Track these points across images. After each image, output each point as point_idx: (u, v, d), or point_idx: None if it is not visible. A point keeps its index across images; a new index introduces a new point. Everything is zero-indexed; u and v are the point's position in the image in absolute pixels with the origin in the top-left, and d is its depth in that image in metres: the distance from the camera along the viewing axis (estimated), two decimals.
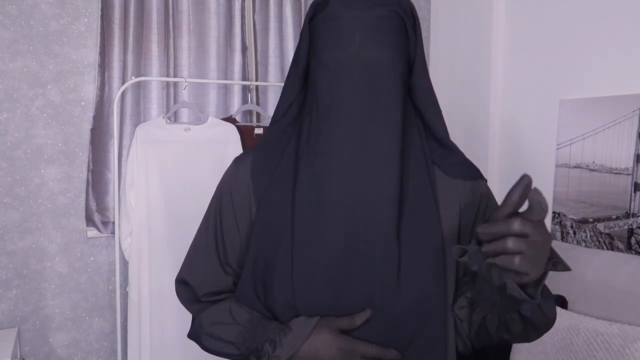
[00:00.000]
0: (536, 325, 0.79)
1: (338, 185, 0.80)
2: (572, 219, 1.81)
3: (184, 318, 1.23)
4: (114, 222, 2.05)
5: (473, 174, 0.90)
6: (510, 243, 0.62)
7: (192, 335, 0.93)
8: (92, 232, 2.13)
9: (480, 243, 0.69)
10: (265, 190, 0.88)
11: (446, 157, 0.88)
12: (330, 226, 0.80)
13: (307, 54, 0.86)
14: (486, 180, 0.93)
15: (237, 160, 0.95)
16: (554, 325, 1.49)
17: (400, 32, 0.82)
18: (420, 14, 2.53)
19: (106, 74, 2.08)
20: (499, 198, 2.28)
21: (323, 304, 0.81)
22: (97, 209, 2.11)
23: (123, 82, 2.08)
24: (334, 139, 0.81)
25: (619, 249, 1.66)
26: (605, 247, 1.70)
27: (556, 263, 0.69)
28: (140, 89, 2.13)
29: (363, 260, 0.79)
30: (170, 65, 2.16)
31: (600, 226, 1.72)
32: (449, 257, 0.84)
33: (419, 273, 0.80)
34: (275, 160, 0.89)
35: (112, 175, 2.08)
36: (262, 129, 2.15)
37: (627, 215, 1.63)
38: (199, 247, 0.95)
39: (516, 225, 0.62)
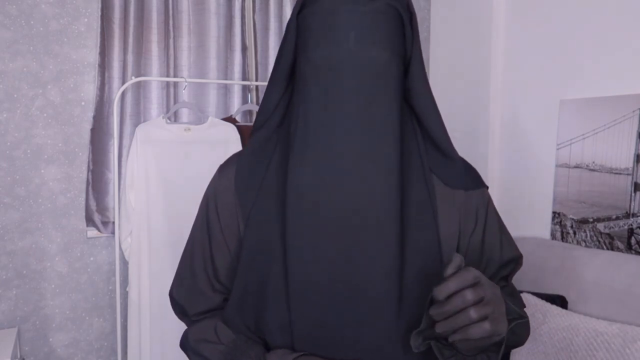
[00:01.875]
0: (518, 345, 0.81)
1: (332, 198, 0.74)
2: (572, 219, 1.81)
3: None
4: (114, 222, 2.05)
5: (473, 183, 0.86)
6: (474, 312, 0.60)
7: (181, 347, 0.90)
8: (92, 232, 2.13)
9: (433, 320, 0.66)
10: (252, 206, 0.81)
11: (445, 166, 0.83)
12: (326, 243, 0.75)
13: (293, 50, 0.80)
14: (487, 187, 0.89)
15: (221, 169, 0.89)
16: (554, 325, 1.49)
17: (398, 30, 0.77)
18: (420, 14, 2.53)
19: (106, 74, 2.08)
20: (500, 198, 2.27)
21: (321, 328, 0.75)
22: (97, 209, 2.11)
23: (123, 82, 2.08)
24: (327, 148, 0.75)
25: (619, 249, 1.66)
26: (605, 247, 1.70)
27: (512, 320, 0.69)
28: (140, 89, 2.13)
29: (364, 279, 0.74)
30: (170, 65, 2.15)
31: (600, 226, 1.72)
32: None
33: (420, 295, 0.75)
34: (261, 172, 0.83)
35: (112, 175, 2.08)
36: None
37: (627, 215, 1.63)
38: (186, 264, 0.90)
39: (469, 294, 0.59)
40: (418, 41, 0.81)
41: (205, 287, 0.88)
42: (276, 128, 0.84)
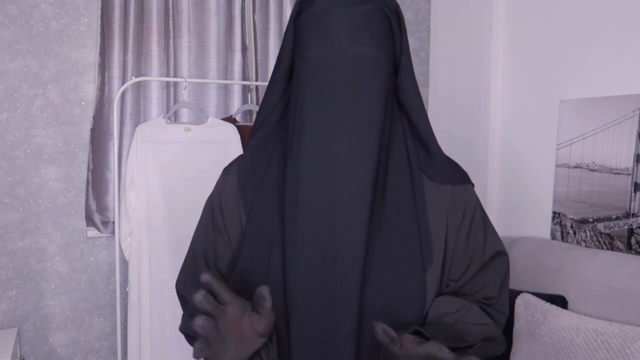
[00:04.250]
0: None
1: (324, 189, 0.79)
2: (572, 219, 1.81)
3: None
4: (114, 222, 2.05)
5: (459, 179, 0.90)
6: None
7: (181, 330, 0.92)
8: (92, 232, 2.13)
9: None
10: (254, 200, 0.87)
11: (432, 164, 0.87)
12: (318, 229, 0.79)
13: (291, 52, 0.85)
14: (473, 185, 0.93)
15: (226, 171, 0.94)
16: (554, 325, 1.49)
17: (386, 31, 0.82)
18: (420, 14, 2.53)
19: (106, 74, 2.08)
20: (500, 199, 2.26)
21: (313, 321, 0.80)
22: (97, 209, 2.11)
23: (123, 82, 2.08)
24: (319, 142, 0.80)
25: (619, 249, 1.66)
26: (605, 247, 1.70)
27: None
28: (140, 89, 2.13)
29: (341, 260, 0.79)
30: (170, 65, 2.16)
31: (600, 226, 1.72)
32: (436, 263, 0.84)
33: (387, 285, 0.80)
34: (262, 169, 0.88)
35: (112, 175, 2.09)
36: None
37: (627, 215, 1.63)
38: (189, 256, 0.95)
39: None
40: (407, 42, 0.86)
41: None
42: (275, 126, 0.89)
